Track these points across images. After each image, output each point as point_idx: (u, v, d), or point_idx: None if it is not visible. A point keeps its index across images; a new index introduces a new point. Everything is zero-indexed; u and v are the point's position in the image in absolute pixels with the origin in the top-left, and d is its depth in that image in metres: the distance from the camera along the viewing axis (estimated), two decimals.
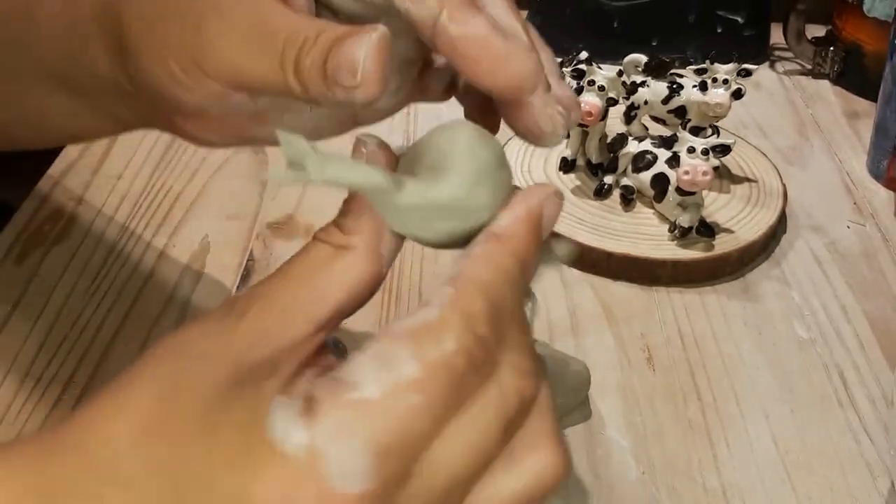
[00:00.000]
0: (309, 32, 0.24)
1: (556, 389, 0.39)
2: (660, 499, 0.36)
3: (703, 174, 0.45)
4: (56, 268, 0.47)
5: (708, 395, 0.41)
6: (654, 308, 0.46)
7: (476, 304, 0.22)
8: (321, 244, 0.24)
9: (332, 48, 0.24)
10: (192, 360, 0.23)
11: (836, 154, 0.60)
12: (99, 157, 0.56)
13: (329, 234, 0.24)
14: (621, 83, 0.50)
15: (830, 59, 0.66)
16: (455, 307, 0.22)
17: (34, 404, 0.39)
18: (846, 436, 0.40)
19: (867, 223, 0.53)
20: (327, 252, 0.24)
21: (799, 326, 0.46)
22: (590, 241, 0.48)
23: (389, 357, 0.21)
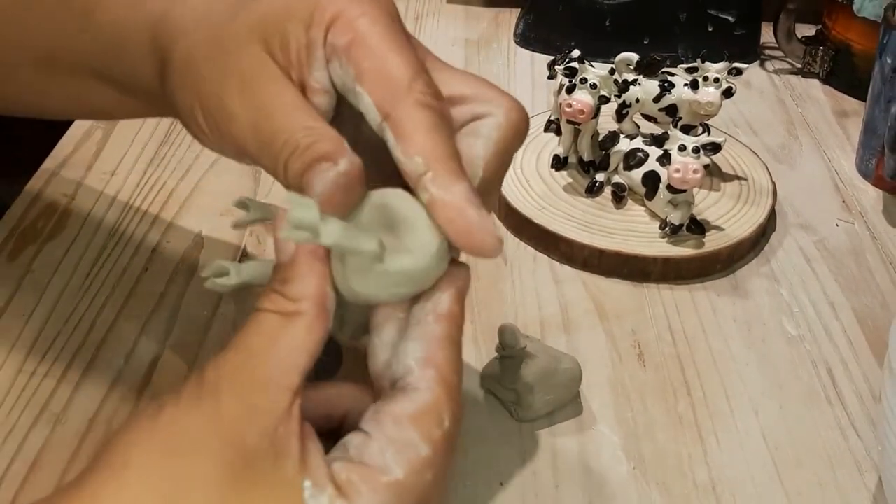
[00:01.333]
0: (302, 141, 0.27)
1: (548, 386, 0.39)
2: (650, 494, 0.37)
3: (694, 172, 0.45)
4: (49, 264, 0.47)
5: (698, 391, 0.42)
6: (644, 305, 0.47)
7: (452, 379, 0.27)
8: (269, 314, 0.27)
9: (311, 164, 0.27)
10: (186, 457, 0.25)
11: (826, 152, 0.60)
12: (93, 152, 0.56)
13: (275, 302, 0.27)
14: (613, 81, 0.50)
15: (820, 59, 0.67)
16: (440, 386, 0.27)
17: (27, 400, 0.39)
18: (834, 431, 0.40)
19: (856, 221, 0.54)
20: (278, 321, 0.26)
21: (788, 323, 0.46)
22: (581, 238, 0.48)
23: (406, 442, 0.26)
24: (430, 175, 0.27)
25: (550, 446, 0.39)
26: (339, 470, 0.26)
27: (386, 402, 0.27)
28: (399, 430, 0.26)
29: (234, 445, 0.25)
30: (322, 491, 0.25)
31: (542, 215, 0.50)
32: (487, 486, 0.37)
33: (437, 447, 0.26)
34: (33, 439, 0.38)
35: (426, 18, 0.73)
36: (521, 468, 0.37)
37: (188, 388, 0.26)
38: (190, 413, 0.25)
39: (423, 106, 0.28)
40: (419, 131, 0.27)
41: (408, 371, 0.27)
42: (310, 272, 0.27)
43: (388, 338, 0.29)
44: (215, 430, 0.25)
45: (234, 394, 0.25)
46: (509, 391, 0.39)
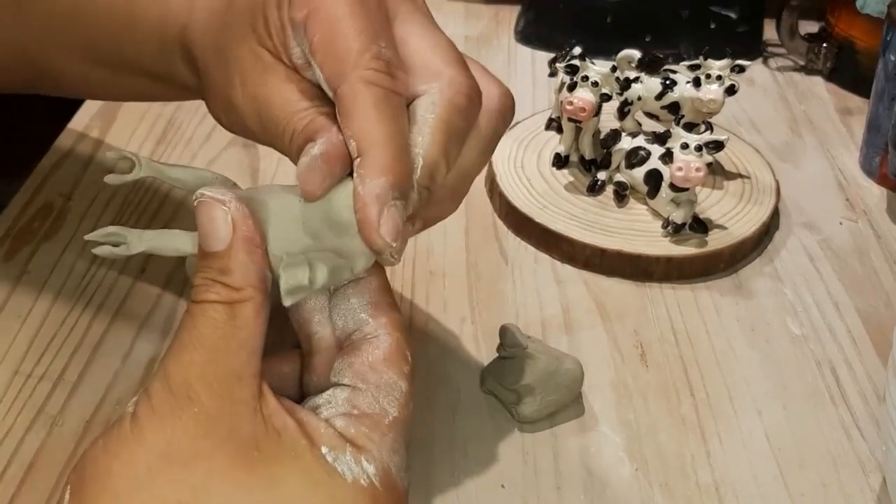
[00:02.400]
0: (297, 125, 0.29)
1: (549, 386, 0.39)
2: (653, 495, 0.36)
3: (697, 170, 0.45)
4: (45, 264, 0.47)
5: (701, 391, 0.41)
6: (647, 304, 0.46)
7: (400, 319, 0.30)
8: (217, 305, 0.27)
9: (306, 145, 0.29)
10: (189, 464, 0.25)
11: (829, 151, 0.60)
12: (89, 151, 0.55)
13: (218, 293, 0.27)
14: (615, 79, 0.50)
15: (823, 56, 0.67)
16: (397, 330, 0.30)
17: (24, 402, 0.39)
18: (838, 432, 0.40)
19: (859, 220, 0.53)
20: (227, 311, 0.27)
21: (791, 323, 0.46)
22: (583, 237, 0.48)
23: (390, 384, 0.29)
24: (359, 161, 0.28)
25: (552, 447, 0.38)
26: (346, 425, 0.27)
27: (354, 356, 0.29)
28: (380, 375, 0.29)
29: (234, 439, 0.25)
30: (343, 451, 0.26)
31: (543, 214, 0.49)
32: (488, 487, 0.36)
33: (409, 380, 0.29)
34: (30, 441, 0.37)
35: None
36: (523, 470, 0.37)
37: (158, 396, 0.26)
38: (175, 419, 0.25)
39: (368, 82, 0.28)
40: (358, 112, 0.27)
41: (362, 322, 0.30)
42: (251, 259, 0.27)
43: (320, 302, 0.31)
44: (208, 430, 0.25)
45: (211, 393, 0.26)
46: (510, 392, 0.39)
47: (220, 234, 0.27)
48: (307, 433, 0.26)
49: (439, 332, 0.44)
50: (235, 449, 0.25)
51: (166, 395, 0.26)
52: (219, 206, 0.27)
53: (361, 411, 0.28)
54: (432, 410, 0.39)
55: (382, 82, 0.28)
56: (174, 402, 0.26)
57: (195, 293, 0.27)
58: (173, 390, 0.26)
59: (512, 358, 0.39)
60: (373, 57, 0.28)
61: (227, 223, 0.27)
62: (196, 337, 0.26)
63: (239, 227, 0.27)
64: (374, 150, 0.27)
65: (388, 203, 0.27)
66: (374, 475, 0.26)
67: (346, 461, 0.26)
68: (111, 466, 0.25)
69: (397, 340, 0.29)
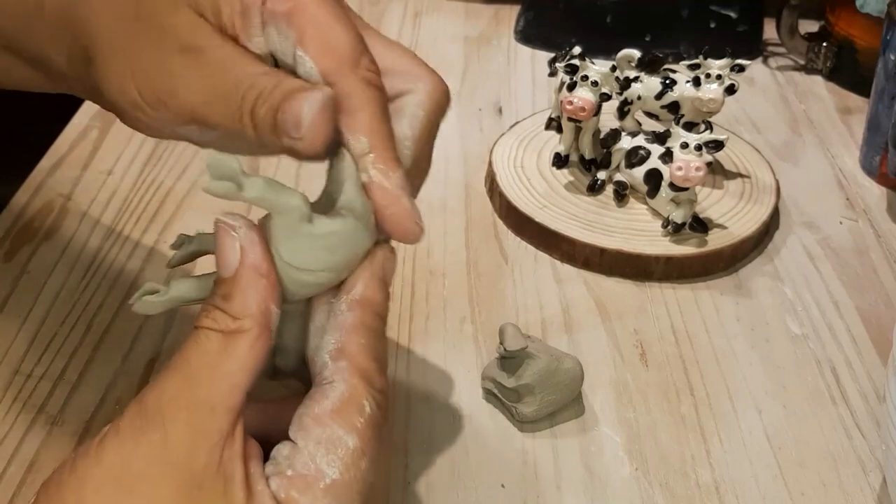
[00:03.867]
0: (266, 84, 0.27)
1: (549, 386, 0.39)
2: (653, 495, 0.36)
3: (697, 170, 0.45)
4: (45, 264, 0.47)
5: (701, 390, 0.41)
6: (647, 304, 0.46)
7: (367, 364, 0.27)
8: (210, 332, 0.26)
9: (283, 102, 0.26)
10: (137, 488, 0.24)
11: (829, 150, 0.60)
12: (89, 152, 0.55)
13: (216, 320, 0.26)
14: (615, 78, 0.50)
15: (823, 55, 0.66)
16: (355, 376, 0.27)
17: (24, 402, 0.39)
18: (838, 431, 0.40)
19: (859, 219, 0.53)
20: (220, 340, 0.26)
21: (791, 322, 0.46)
22: (583, 236, 0.48)
23: (333, 439, 0.26)
24: (372, 157, 0.28)
25: (552, 447, 0.38)
26: (278, 488, 0.26)
27: (305, 404, 0.27)
28: (322, 429, 0.26)
29: (183, 470, 0.25)
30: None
31: (543, 214, 0.49)
32: (489, 487, 0.36)
33: (363, 434, 0.26)
34: (30, 441, 0.37)
35: (425, 15, 0.73)
36: (523, 469, 0.37)
37: (128, 417, 0.26)
38: (136, 442, 0.25)
39: (370, 85, 0.28)
40: (365, 111, 0.28)
41: (323, 366, 0.27)
42: (253, 288, 0.26)
43: (318, 323, 0.29)
44: (163, 456, 0.25)
45: (178, 418, 0.25)
46: (510, 392, 0.39)
47: (229, 260, 0.26)
48: (248, 488, 0.25)
49: (439, 332, 0.44)
50: (181, 482, 0.25)
51: (134, 417, 0.25)
52: (229, 231, 0.26)
53: (296, 472, 0.26)
54: (432, 410, 0.39)
55: (379, 84, 0.29)
56: (140, 425, 0.25)
57: (197, 317, 0.27)
58: (141, 412, 0.25)
59: (512, 357, 0.39)
60: (370, 62, 0.29)
61: (236, 250, 0.26)
62: (181, 361, 0.26)
63: (246, 254, 0.26)
64: (384, 147, 0.28)
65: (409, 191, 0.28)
66: None
67: None
68: (69, 481, 0.25)
69: (352, 388, 0.27)
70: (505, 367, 0.39)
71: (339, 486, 0.26)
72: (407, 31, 0.70)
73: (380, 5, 0.74)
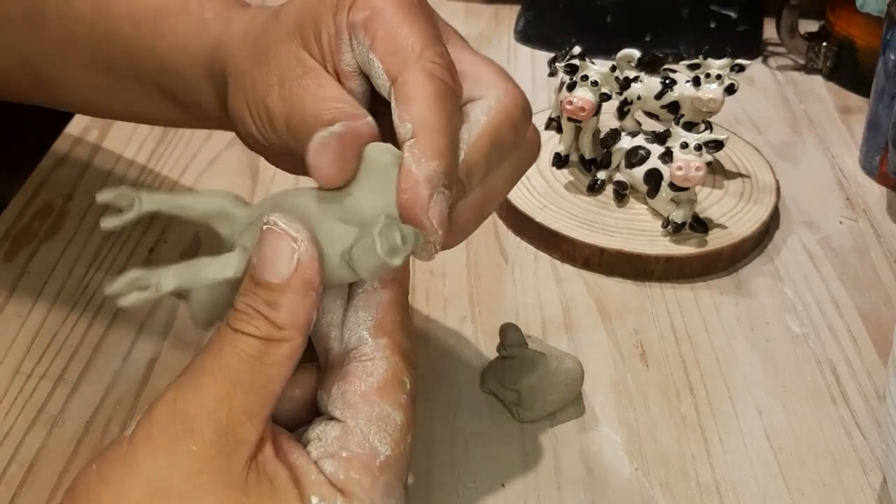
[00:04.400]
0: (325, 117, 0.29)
1: (549, 386, 0.39)
2: (653, 494, 0.36)
3: (697, 170, 0.45)
4: (46, 264, 0.47)
5: (701, 390, 0.41)
6: (647, 304, 0.46)
7: (403, 343, 0.28)
8: (251, 339, 0.25)
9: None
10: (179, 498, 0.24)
11: (829, 149, 0.60)
12: (89, 152, 0.55)
13: (258, 327, 0.25)
14: (614, 78, 0.50)
15: (823, 55, 0.66)
16: (396, 353, 0.27)
17: (24, 402, 0.39)
18: (838, 430, 0.40)
19: (859, 219, 0.53)
20: (261, 347, 0.25)
21: (791, 322, 0.46)
22: (583, 236, 0.48)
23: (382, 417, 0.27)
24: (412, 142, 0.27)
25: (552, 447, 0.38)
26: (336, 470, 0.26)
27: (347, 382, 0.27)
28: (372, 407, 0.26)
29: (226, 481, 0.25)
30: (333, 501, 0.25)
31: (543, 214, 0.49)
32: (489, 487, 0.36)
33: (407, 410, 0.27)
34: (30, 441, 0.37)
35: None
36: (523, 469, 0.37)
37: (161, 423, 0.25)
38: (172, 452, 0.25)
39: (430, 75, 0.28)
40: (418, 98, 0.28)
41: (361, 341, 0.28)
42: (303, 301, 0.26)
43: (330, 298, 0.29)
44: (202, 468, 0.24)
45: (216, 429, 0.25)
46: (510, 391, 0.39)
47: (281, 268, 0.26)
48: (297, 480, 0.25)
49: (439, 332, 0.44)
50: (225, 492, 0.24)
51: (168, 424, 0.25)
52: (288, 240, 0.26)
53: (351, 453, 0.26)
54: (432, 410, 0.39)
55: (444, 77, 0.28)
56: (174, 432, 0.25)
57: (234, 318, 0.26)
58: (176, 418, 0.25)
59: (512, 357, 0.39)
60: (436, 54, 0.29)
61: (292, 260, 0.26)
62: (219, 366, 0.25)
63: (303, 268, 0.26)
64: (429, 134, 0.27)
65: (437, 188, 0.27)
66: None
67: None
68: (101, 494, 0.25)
69: (395, 365, 0.27)
70: (505, 367, 0.39)
71: (391, 463, 0.26)
72: None
73: None
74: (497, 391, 0.40)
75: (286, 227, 0.26)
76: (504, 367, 0.39)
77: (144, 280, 0.26)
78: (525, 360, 0.38)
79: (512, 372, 0.38)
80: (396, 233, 0.26)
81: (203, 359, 0.26)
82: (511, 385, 0.38)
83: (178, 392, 0.25)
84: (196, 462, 0.24)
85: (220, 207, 0.28)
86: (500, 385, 0.39)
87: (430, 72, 0.28)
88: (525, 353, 0.38)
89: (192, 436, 0.25)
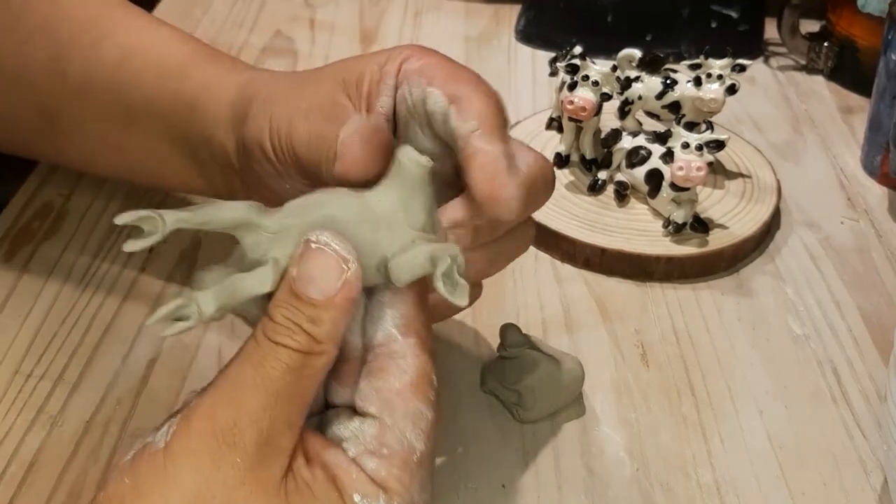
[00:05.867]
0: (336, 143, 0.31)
1: (550, 386, 0.39)
2: (654, 495, 0.36)
3: (698, 170, 0.45)
4: (45, 264, 0.46)
5: (702, 390, 0.41)
6: (647, 304, 0.46)
7: (429, 340, 0.29)
8: (292, 352, 0.26)
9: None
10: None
11: (830, 149, 0.60)
12: None
13: (299, 341, 0.26)
14: (615, 78, 0.50)
15: (824, 55, 0.66)
16: (425, 351, 0.28)
17: (24, 402, 0.39)
18: (840, 431, 0.40)
19: (861, 219, 0.53)
20: (300, 360, 0.26)
21: (793, 322, 0.46)
22: (583, 236, 0.48)
23: (416, 414, 0.27)
24: (479, 132, 0.29)
25: (553, 447, 0.38)
26: (377, 468, 0.26)
27: (381, 379, 0.27)
28: (407, 404, 0.27)
29: (269, 492, 0.25)
30: (376, 498, 0.26)
31: (543, 214, 0.49)
32: (489, 487, 0.36)
33: (435, 406, 0.28)
34: (30, 441, 0.37)
35: (426, 14, 0.73)
36: (524, 470, 0.37)
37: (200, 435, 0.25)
38: (215, 465, 0.25)
39: (488, 94, 0.31)
40: (479, 102, 0.30)
41: (391, 339, 0.28)
42: (344, 318, 0.27)
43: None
44: (245, 479, 0.25)
45: (259, 440, 0.25)
46: (511, 392, 0.39)
47: (328, 287, 0.26)
48: (336, 479, 0.26)
49: (440, 332, 0.44)
50: (267, 501, 0.25)
51: (209, 436, 0.25)
52: (339, 261, 0.26)
53: (391, 450, 0.26)
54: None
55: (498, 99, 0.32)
56: (217, 445, 0.25)
57: (274, 331, 0.26)
58: (218, 432, 0.25)
59: (513, 358, 0.39)
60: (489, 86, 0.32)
61: (339, 280, 0.26)
62: (262, 378, 0.25)
63: (349, 287, 0.26)
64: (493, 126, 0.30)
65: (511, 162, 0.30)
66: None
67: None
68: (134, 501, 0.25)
69: (425, 364, 0.28)
70: (505, 368, 0.39)
71: (425, 458, 0.27)
72: (407, 31, 0.70)
73: (380, 5, 0.74)
74: (497, 391, 0.40)
75: (338, 248, 0.26)
76: (504, 367, 0.39)
77: (185, 309, 0.26)
78: (525, 361, 0.38)
79: (512, 372, 0.38)
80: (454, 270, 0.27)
81: (241, 370, 0.26)
82: (511, 385, 0.38)
83: (217, 404, 0.26)
84: (238, 473, 0.25)
85: (244, 218, 0.28)
86: (501, 385, 0.39)
87: (487, 93, 0.31)
88: (525, 354, 0.38)
89: (234, 448, 0.25)
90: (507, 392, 0.39)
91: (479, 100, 0.30)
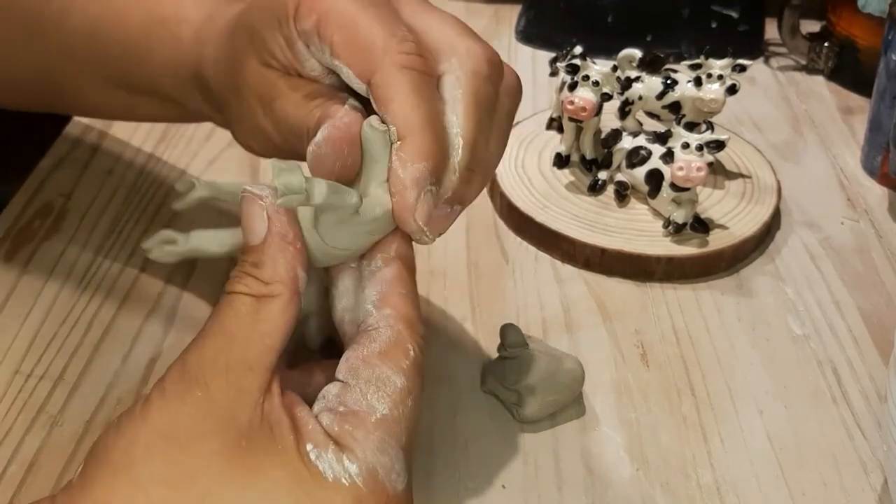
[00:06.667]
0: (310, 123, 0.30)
1: (550, 386, 0.39)
2: (654, 495, 0.36)
3: (698, 170, 0.45)
4: (46, 264, 0.46)
5: (702, 390, 0.41)
6: (648, 304, 0.46)
7: (409, 312, 0.29)
8: (243, 297, 0.28)
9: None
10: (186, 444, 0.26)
11: (830, 150, 0.60)
12: (89, 152, 0.55)
13: (248, 285, 0.28)
14: (616, 78, 0.50)
15: (825, 55, 0.66)
16: (399, 322, 0.29)
17: (24, 402, 0.39)
18: (840, 431, 0.40)
19: (861, 219, 0.53)
20: (253, 304, 0.27)
21: (793, 322, 0.46)
22: (584, 236, 0.48)
23: (382, 378, 0.28)
24: (398, 145, 0.28)
25: (553, 448, 0.38)
26: (331, 423, 0.27)
27: (353, 350, 0.29)
28: (372, 369, 0.28)
29: (229, 426, 0.26)
30: (325, 449, 0.26)
31: (543, 214, 0.49)
32: (489, 487, 0.36)
33: (409, 375, 0.28)
34: (30, 441, 0.37)
35: None
36: (523, 470, 0.37)
37: (172, 379, 0.27)
38: (181, 401, 0.26)
39: (402, 67, 0.29)
40: (396, 98, 0.28)
41: (367, 314, 0.29)
42: (282, 255, 0.28)
43: (343, 286, 0.31)
44: (207, 414, 0.26)
45: (220, 378, 0.26)
46: (511, 392, 0.39)
47: (257, 228, 0.28)
48: (296, 429, 0.27)
49: (440, 332, 0.44)
50: (228, 436, 0.26)
51: (179, 379, 0.27)
52: (257, 201, 0.28)
53: (348, 408, 0.27)
54: (433, 410, 0.39)
55: (415, 65, 0.29)
56: (184, 385, 0.26)
57: (228, 283, 0.28)
58: (186, 374, 0.27)
59: (513, 358, 0.39)
60: (400, 41, 0.29)
61: (263, 219, 0.28)
62: (218, 325, 0.27)
63: (273, 222, 0.28)
64: (414, 135, 0.28)
65: (424, 188, 0.28)
66: (357, 475, 0.26)
67: (327, 459, 0.26)
68: (116, 443, 0.26)
69: (397, 333, 0.29)
70: (505, 368, 0.39)
71: (388, 422, 0.27)
72: None
73: None
74: (497, 391, 0.40)
75: (253, 189, 0.28)
76: (504, 367, 0.39)
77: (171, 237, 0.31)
78: (525, 361, 0.38)
79: (513, 372, 0.38)
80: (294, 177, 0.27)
81: (206, 324, 0.28)
82: (511, 385, 0.38)
83: (185, 352, 0.27)
84: (202, 408, 0.26)
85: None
86: (501, 385, 0.39)
87: (400, 64, 0.28)
88: (525, 354, 0.38)
89: (197, 386, 0.26)
90: (507, 392, 0.39)
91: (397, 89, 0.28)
